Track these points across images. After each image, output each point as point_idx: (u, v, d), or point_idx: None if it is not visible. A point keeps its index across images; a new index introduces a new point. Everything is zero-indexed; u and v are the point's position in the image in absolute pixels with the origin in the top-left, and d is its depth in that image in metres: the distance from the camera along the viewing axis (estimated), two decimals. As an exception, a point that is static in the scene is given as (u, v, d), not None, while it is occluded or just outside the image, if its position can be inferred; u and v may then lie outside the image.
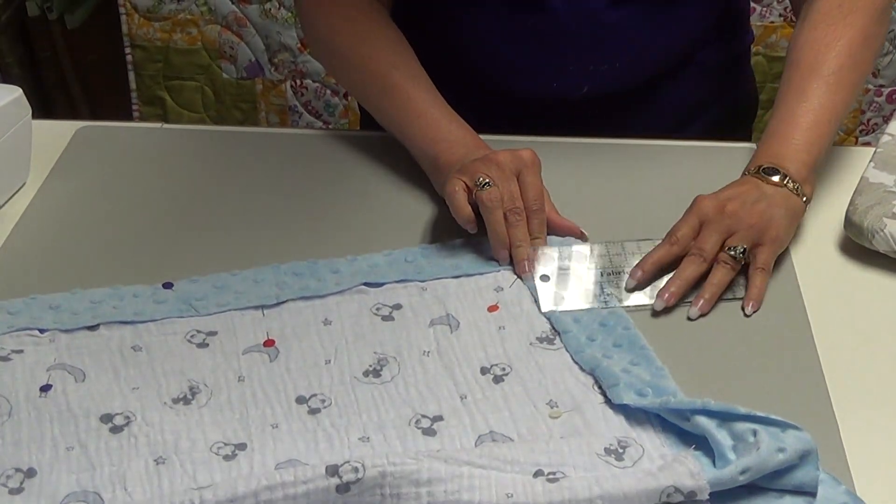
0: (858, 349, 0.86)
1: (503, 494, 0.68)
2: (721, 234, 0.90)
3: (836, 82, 0.98)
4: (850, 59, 0.99)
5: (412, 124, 1.03)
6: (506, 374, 0.82)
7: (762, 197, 0.93)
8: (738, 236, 0.90)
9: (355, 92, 1.14)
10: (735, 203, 0.92)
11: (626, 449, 0.75)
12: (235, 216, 1.01)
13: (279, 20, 2.13)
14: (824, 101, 0.98)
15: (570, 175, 1.05)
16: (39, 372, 0.81)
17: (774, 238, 0.91)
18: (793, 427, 0.72)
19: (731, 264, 0.90)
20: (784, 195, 0.94)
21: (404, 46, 1.07)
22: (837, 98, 0.98)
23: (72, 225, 1.00)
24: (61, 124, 1.15)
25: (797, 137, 0.96)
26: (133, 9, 2.16)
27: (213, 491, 0.67)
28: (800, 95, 0.98)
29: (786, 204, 0.93)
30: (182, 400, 0.80)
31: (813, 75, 0.99)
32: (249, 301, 0.89)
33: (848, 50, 0.99)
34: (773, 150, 0.97)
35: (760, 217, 0.91)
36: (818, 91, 0.98)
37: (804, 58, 1.00)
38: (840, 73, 0.99)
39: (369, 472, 0.67)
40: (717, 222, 0.91)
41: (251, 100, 2.23)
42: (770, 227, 0.91)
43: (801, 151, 0.96)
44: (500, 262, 0.92)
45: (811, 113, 0.97)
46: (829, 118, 0.98)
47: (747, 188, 0.94)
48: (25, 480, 0.73)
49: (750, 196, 0.93)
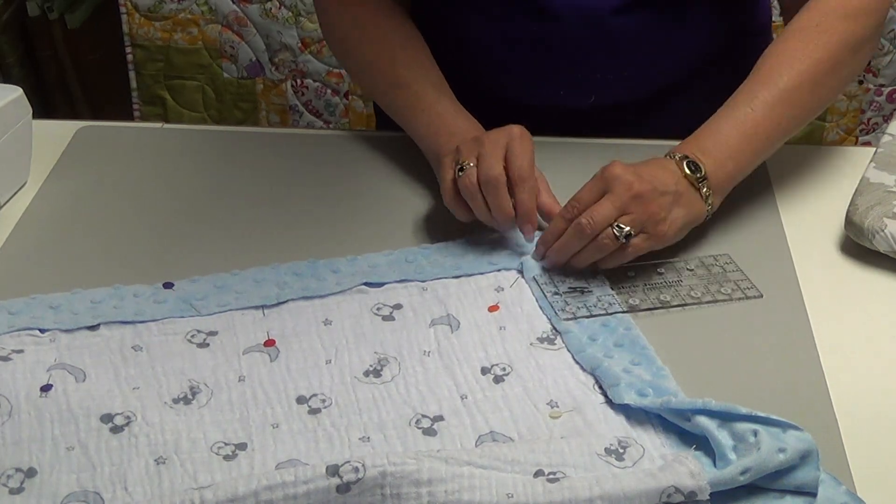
0: (859, 349, 0.86)
1: (503, 494, 0.68)
2: (618, 211, 0.88)
3: (789, 99, 0.95)
4: (810, 80, 0.95)
5: (418, 118, 1.03)
6: (506, 375, 0.82)
7: (673, 189, 0.90)
8: (630, 218, 0.88)
9: (367, 89, 1.14)
10: (645, 185, 0.89)
11: (627, 449, 0.75)
12: (236, 216, 1.01)
13: (280, 20, 2.13)
14: (769, 114, 0.94)
15: (569, 175, 1.05)
16: (40, 372, 0.81)
17: (661, 234, 0.90)
18: (793, 427, 0.72)
19: (609, 243, 0.88)
20: (693, 198, 0.91)
21: (416, 43, 1.08)
22: (785, 114, 0.95)
23: (72, 225, 1.00)
24: (62, 124, 1.15)
25: (731, 142, 0.93)
26: (134, 8, 2.16)
27: (214, 491, 0.67)
28: (749, 100, 0.94)
29: (690, 207, 0.91)
30: (182, 400, 0.80)
31: (768, 85, 0.95)
32: (250, 301, 0.89)
33: (812, 70, 0.95)
34: (704, 144, 0.93)
35: (660, 209, 0.89)
36: (768, 102, 0.94)
37: (766, 65, 0.97)
38: (796, 91, 0.95)
39: (370, 472, 0.68)
40: (619, 197, 0.88)
41: (252, 99, 2.23)
42: (663, 223, 0.89)
43: (727, 158, 0.93)
44: (504, 233, 0.95)
45: (752, 122, 0.94)
46: (769, 133, 0.94)
47: (664, 174, 0.90)
48: (26, 480, 0.73)
49: (662, 184, 0.90)
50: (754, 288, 0.91)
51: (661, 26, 1.09)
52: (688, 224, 0.92)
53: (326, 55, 2.15)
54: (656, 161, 0.93)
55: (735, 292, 0.91)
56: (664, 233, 0.90)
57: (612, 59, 1.10)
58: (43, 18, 2.16)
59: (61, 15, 2.17)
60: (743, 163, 0.94)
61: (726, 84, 0.98)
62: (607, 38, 1.08)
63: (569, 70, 1.10)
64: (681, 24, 1.10)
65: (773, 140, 0.95)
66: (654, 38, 1.09)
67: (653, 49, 1.10)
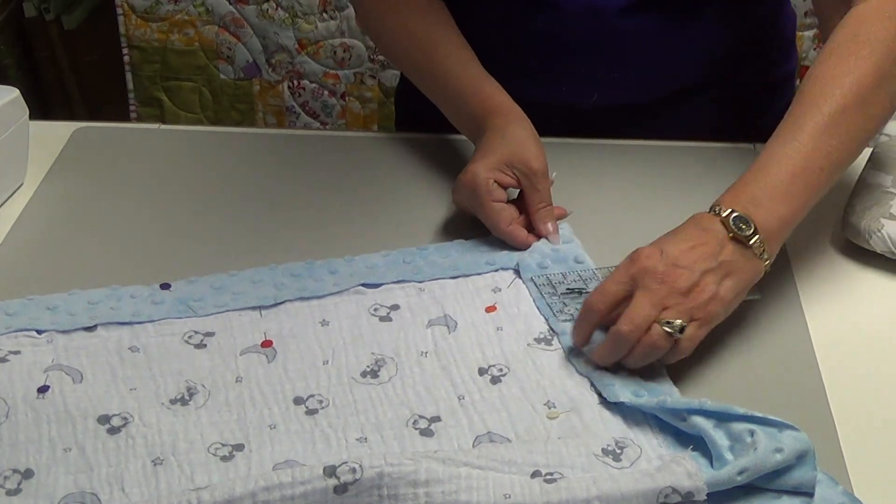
0: (856, 349, 0.86)
1: (501, 495, 0.68)
2: (657, 308, 0.79)
3: (836, 123, 0.85)
4: (856, 99, 0.86)
5: (450, 85, 1.04)
6: (503, 375, 0.82)
7: (716, 262, 0.81)
8: (676, 311, 0.79)
9: (405, 68, 1.14)
10: (681, 273, 0.80)
11: (624, 450, 0.75)
12: (233, 217, 1.01)
13: (276, 21, 2.13)
14: (818, 145, 0.84)
15: (569, 174, 1.05)
16: (37, 373, 0.81)
17: (713, 315, 0.80)
18: (790, 427, 0.72)
19: (663, 343, 0.79)
20: (743, 259, 0.82)
21: (448, 24, 1.07)
22: (835, 143, 0.85)
23: (69, 226, 1.00)
24: (58, 125, 1.15)
25: (780, 183, 0.83)
26: (130, 9, 2.16)
27: (211, 492, 0.67)
28: (793, 134, 0.85)
29: (741, 272, 0.82)
30: (180, 401, 0.80)
31: (811, 113, 0.85)
32: (247, 302, 0.89)
33: (856, 87, 0.86)
34: (752, 192, 0.84)
35: (703, 291, 0.80)
36: (814, 132, 0.84)
37: (806, 92, 0.87)
38: (843, 114, 0.85)
39: (367, 473, 0.67)
40: (654, 293, 0.79)
41: (248, 100, 2.23)
42: (712, 302, 0.80)
43: (778, 203, 0.83)
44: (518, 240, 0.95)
45: (800, 157, 0.84)
46: (822, 165, 0.84)
47: (703, 248, 0.81)
48: (23, 481, 0.73)
49: (701, 262, 0.80)
50: (754, 288, 0.91)
51: (669, 31, 1.08)
52: (743, 290, 0.83)
53: (323, 56, 2.15)
54: (695, 225, 0.83)
55: None
56: (716, 313, 0.81)
57: (617, 59, 1.09)
58: (39, 19, 2.16)
59: (58, 16, 2.17)
60: (796, 205, 0.84)
61: (737, 95, 0.94)
62: (613, 37, 1.07)
63: (572, 66, 1.10)
64: (689, 31, 1.09)
65: (827, 172, 0.85)
66: (661, 41, 1.08)
67: (659, 53, 1.09)
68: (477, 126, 1.00)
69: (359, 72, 2.16)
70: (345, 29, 2.12)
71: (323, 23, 2.12)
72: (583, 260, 0.93)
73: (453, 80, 1.03)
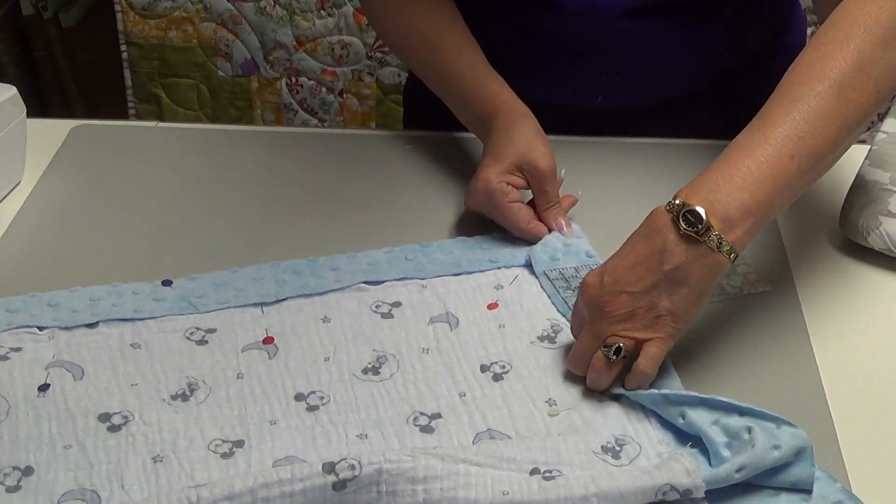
0: (854, 346, 0.86)
1: (499, 492, 0.68)
2: (597, 338, 0.78)
3: (809, 109, 0.80)
4: (832, 83, 0.80)
5: (455, 83, 1.04)
6: (505, 372, 0.82)
7: (660, 275, 0.77)
8: (620, 338, 0.77)
9: (411, 64, 1.13)
10: (618, 298, 0.77)
11: (623, 447, 0.75)
12: (234, 214, 1.01)
13: (274, 18, 2.13)
14: (789, 132, 0.79)
15: (574, 172, 1.05)
16: (38, 370, 0.81)
17: (668, 330, 0.77)
18: (788, 424, 0.72)
19: (603, 367, 0.78)
20: (697, 258, 0.76)
21: (455, 21, 1.07)
22: (808, 128, 0.79)
23: (68, 224, 1.00)
24: (56, 123, 1.15)
25: (744, 171, 0.78)
26: (128, 6, 2.16)
27: (211, 489, 0.67)
28: (762, 121, 0.81)
29: (694, 273, 0.77)
30: (181, 396, 0.80)
31: (783, 101, 0.81)
32: (249, 298, 0.89)
33: (833, 72, 0.81)
34: (712, 180, 0.78)
35: (651, 310, 0.77)
36: (784, 118, 0.79)
37: (782, 83, 0.83)
38: (817, 99, 0.80)
39: (366, 470, 0.68)
40: (592, 323, 0.78)
41: (246, 97, 2.23)
42: (661, 319, 0.77)
43: (741, 190, 0.77)
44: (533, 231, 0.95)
45: (768, 144, 0.79)
46: (793, 152, 0.78)
47: (647, 261, 0.77)
48: (23, 479, 0.73)
49: (644, 278, 0.77)
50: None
51: (672, 36, 1.08)
52: (703, 291, 0.78)
53: (321, 53, 2.15)
54: (646, 227, 0.79)
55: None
56: (671, 326, 0.78)
57: (620, 62, 1.09)
58: (37, 17, 2.16)
59: (55, 13, 2.17)
60: (762, 193, 0.78)
61: (744, 102, 0.92)
62: (616, 40, 1.07)
63: (575, 67, 1.10)
64: (693, 35, 1.08)
65: (799, 159, 0.79)
66: (664, 46, 1.08)
67: (663, 57, 1.09)
68: (483, 125, 1.00)
69: (357, 69, 2.16)
70: (342, 26, 2.12)
71: (321, 20, 2.12)
72: (594, 254, 0.93)
73: (458, 79, 1.03)
